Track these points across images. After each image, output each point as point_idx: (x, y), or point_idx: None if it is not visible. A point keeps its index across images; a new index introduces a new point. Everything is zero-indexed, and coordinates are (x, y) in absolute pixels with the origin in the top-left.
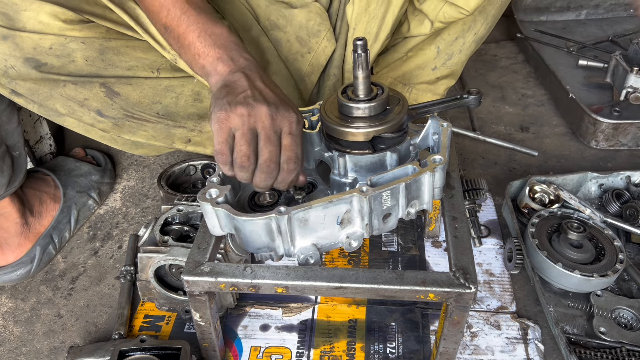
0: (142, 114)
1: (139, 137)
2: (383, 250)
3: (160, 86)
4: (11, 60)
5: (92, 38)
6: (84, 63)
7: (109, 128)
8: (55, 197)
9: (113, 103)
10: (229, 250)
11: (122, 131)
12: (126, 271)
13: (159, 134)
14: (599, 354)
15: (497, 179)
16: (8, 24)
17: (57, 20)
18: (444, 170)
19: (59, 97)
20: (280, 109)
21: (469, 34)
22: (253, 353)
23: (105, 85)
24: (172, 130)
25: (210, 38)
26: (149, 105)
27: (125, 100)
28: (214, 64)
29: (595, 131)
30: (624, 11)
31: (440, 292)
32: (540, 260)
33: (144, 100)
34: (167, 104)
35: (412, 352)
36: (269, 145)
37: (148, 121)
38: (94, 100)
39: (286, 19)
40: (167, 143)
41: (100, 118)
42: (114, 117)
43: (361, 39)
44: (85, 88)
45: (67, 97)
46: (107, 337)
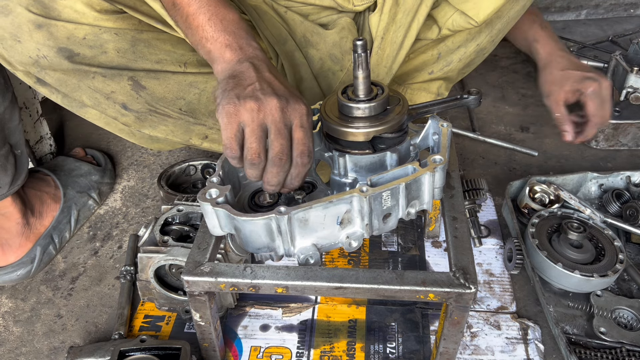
0: (165, 109)
1: (158, 132)
2: (383, 250)
3: (186, 81)
4: (44, 49)
5: (125, 29)
6: (115, 54)
7: (131, 122)
8: (55, 197)
9: (139, 97)
10: (229, 250)
11: (144, 125)
12: (126, 271)
13: (178, 130)
14: (599, 354)
15: (497, 179)
16: (43, 12)
17: (92, 10)
18: (444, 170)
19: (86, 88)
20: (290, 102)
21: (471, 44)
22: (253, 353)
23: (133, 78)
24: (192, 127)
25: (221, 23)
26: (172, 101)
27: (150, 95)
28: (222, 50)
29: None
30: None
31: (440, 292)
32: (540, 260)
33: (168, 95)
34: (190, 100)
35: (412, 352)
36: (280, 138)
37: (170, 117)
38: (120, 94)
39: (320, 36)
40: (184, 139)
41: (124, 111)
42: (137, 111)
43: (361, 39)
44: (113, 81)
45: (94, 89)
46: (107, 337)
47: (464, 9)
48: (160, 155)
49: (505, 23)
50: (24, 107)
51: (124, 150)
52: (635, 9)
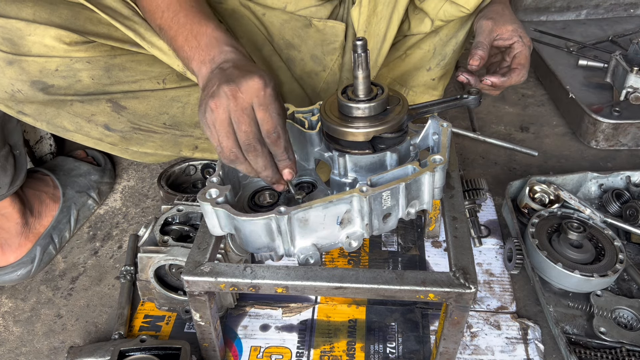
0: (150, 126)
1: (147, 149)
2: (383, 250)
3: (167, 97)
4: (18, 84)
5: (97, 57)
6: (90, 82)
7: (117, 141)
8: (54, 197)
9: (120, 117)
10: (229, 250)
11: (130, 143)
12: (126, 271)
13: (166, 144)
14: (599, 354)
15: (497, 179)
16: (13, 50)
17: (62, 43)
18: (444, 170)
19: (66, 114)
20: (241, 83)
21: (461, 33)
22: (253, 353)
23: (111, 100)
24: (179, 140)
25: (195, 39)
26: (155, 117)
27: (132, 114)
28: (199, 67)
29: (595, 131)
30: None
31: (440, 292)
32: (540, 260)
33: (150, 112)
34: (173, 114)
35: (412, 352)
36: (242, 125)
37: (155, 132)
38: (101, 115)
39: (301, 38)
40: (174, 152)
41: (107, 132)
42: (121, 131)
43: (361, 38)
44: (92, 105)
45: (74, 114)
46: (107, 337)
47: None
48: None
49: None
50: None
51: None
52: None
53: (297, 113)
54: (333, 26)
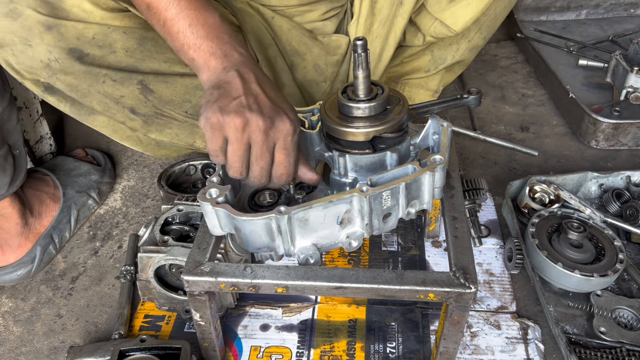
0: (172, 112)
1: (164, 136)
2: (383, 250)
3: (192, 84)
4: (55, 51)
5: (133, 28)
6: (124, 54)
7: (139, 126)
8: (54, 197)
9: (147, 101)
10: (229, 250)
11: (150, 129)
12: (126, 271)
13: (183, 133)
14: (599, 354)
15: (497, 179)
16: (52, 13)
17: (99, 9)
18: (444, 170)
19: (96, 93)
20: (275, 121)
21: (462, 41)
22: (253, 353)
23: (142, 82)
24: (196, 130)
25: (202, 28)
26: (179, 104)
27: (158, 98)
28: (206, 58)
29: (595, 131)
30: (624, 11)
31: (440, 292)
32: (540, 260)
33: (175, 98)
34: (196, 103)
35: (412, 352)
36: (261, 161)
37: (175, 119)
38: (129, 98)
39: (307, 46)
40: (188, 142)
41: (132, 115)
42: (145, 115)
43: (361, 38)
44: (123, 85)
45: (104, 94)
46: (107, 337)
47: (442, 17)
48: None
49: (493, 20)
50: (24, 107)
51: (124, 150)
52: (636, 8)
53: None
54: (337, 39)
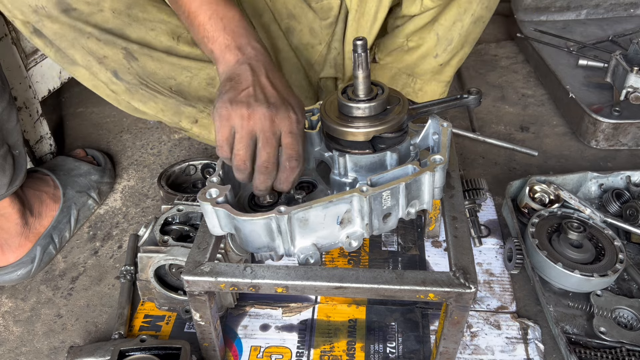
0: (156, 85)
1: (148, 109)
2: (383, 250)
3: (180, 65)
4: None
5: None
6: (111, 15)
7: (121, 91)
8: (55, 197)
9: (130, 67)
10: (229, 250)
11: (133, 98)
12: (126, 271)
13: (168, 109)
14: (599, 354)
15: (497, 179)
16: None
17: None
18: (444, 170)
19: (80, 48)
20: (280, 110)
21: (465, 16)
22: (253, 353)
23: (127, 49)
24: (182, 108)
25: (221, 21)
26: (163, 79)
27: (142, 67)
28: (222, 51)
29: (595, 131)
30: (624, 11)
31: (440, 292)
32: (540, 260)
33: (159, 72)
34: (180, 82)
35: (412, 351)
36: (267, 147)
37: (161, 93)
38: (113, 60)
39: (303, 9)
40: (174, 120)
41: (114, 79)
42: (128, 82)
43: (361, 38)
44: (107, 46)
45: (88, 51)
46: (107, 337)
47: None
48: (160, 155)
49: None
50: (24, 107)
51: (124, 150)
52: (636, 8)
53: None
54: (328, 3)
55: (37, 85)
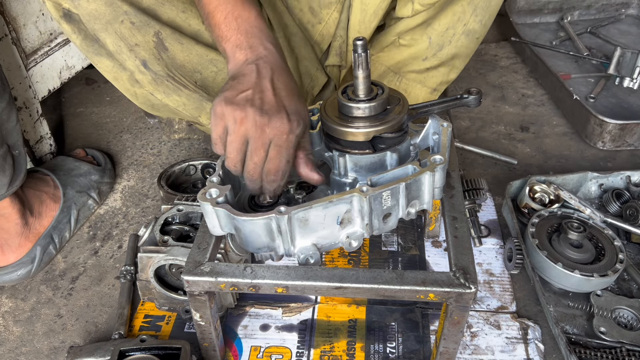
0: (183, 79)
1: (170, 101)
2: (383, 250)
3: (207, 57)
4: None
5: None
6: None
7: (146, 82)
8: (55, 197)
9: (159, 59)
10: (229, 250)
11: (157, 90)
12: (126, 271)
13: (190, 103)
14: (599, 354)
15: (497, 179)
16: None
17: None
18: (444, 170)
19: (113, 33)
20: (273, 119)
21: (458, 24)
22: (253, 353)
23: (158, 35)
24: (204, 104)
25: (235, 21)
26: (190, 73)
27: (171, 59)
28: (233, 50)
29: (601, 132)
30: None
31: (441, 292)
32: (540, 260)
33: (187, 65)
34: (206, 76)
35: (412, 352)
36: (255, 156)
37: (186, 87)
38: (144, 49)
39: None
40: (193, 115)
41: (143, 69)
42: (156, 73)
43: (361, 38)
44: (139, 32)
45: (120, 36)
46: (107, 337)
47: None
48: (160, 155)
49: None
50: (24, 107)
51: (124, 150)
52: (627, 8)
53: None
54: None
55: (37, 85)
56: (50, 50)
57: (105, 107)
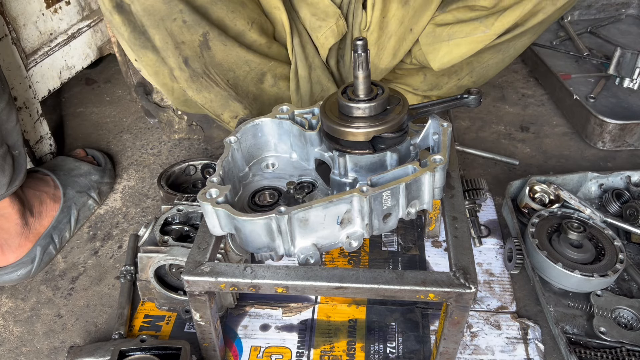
0: (216, 77)
1: (199, 98)
2: (383, 250)
3: (244, 57)
4: None
5: None
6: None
7: (183, 79)
8: (55, 197)
9: (201, 56)
10: (229, 250)
11: (191, 87)
12: (126, 271)
13: (218, 100)
14: (599, 354)
15: (497, 179)
16: None
17: None
18: (444, 170)
19: (163, 29)
20: None
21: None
22: (253, 353)
23: (205, 35)
24: (230, 102)
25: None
26: (224, 71)
27: (211, 58)
28: None
29: (602, 132)
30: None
31: (441, 292)
32: (540, 260)
33: (224, 63)
34: (238, 75)
35: (412, 352)
36: None
37: (218, 85)
38: (188, 47)
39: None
40: (217, 112)
41: (183, 66)
42: (194, 70)
43: (361, 38)
44: (189, 31)
45: (169, 33)
46: (107, 337)
47: (426, 51)
48: (160, 155)
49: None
50: (24, 107)
51: (124, 150)
52: (627, 8)
53: (297, 113)
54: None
55: (37, 85)
56: (50, 50)
57: (105, 107)
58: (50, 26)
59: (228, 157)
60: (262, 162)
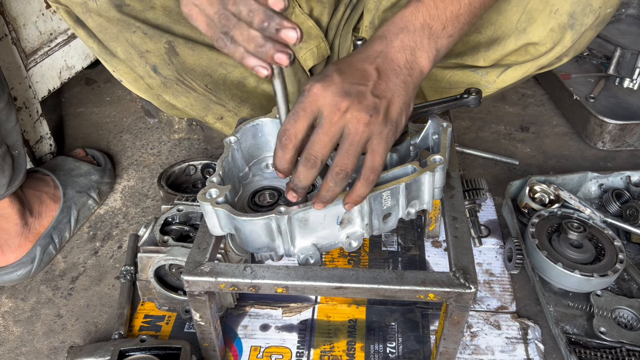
0: (192, 83)
1: (178, 102)
2: (383, 250)
3: (217, 60)
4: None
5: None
6: (162, 12)
7: (156, 85)
8: (54, 197)
9: (170, 63)
10: (229, 250)
11: (166, 92)
12: (126, 271)
13: (198, 105)
14: (599, 354)
15: (497, 179)
16: None
17: None
18: (444, 170)
19: (123, 41)
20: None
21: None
22: (253, 353)
23: (170, 43)
24: (211, 105)
25: None
26: (200, 76)
27: (181, 64)
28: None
29: (602, 132)
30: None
31: (440, 292)
32: (540, 260)
33: (197, 68)
34: (216, 79)
35: (412, 352)
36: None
37: (194, 90)
38: (154, 55)
39: None
40: (200, 114)
41: (153, 74)
42: (165, 77)
43: (361, 39)
44: (151, 40)
45: (131, 44)
46: (107, 337)
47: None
48: (160, 155)
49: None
50: (24, 107)
51: (124, 150)
52: (627, 8)
53: None
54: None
55: (37, 85)
56: (50, 50)
57: (105, 107)
58: (50, 26)
59: (228, 157)
60: (262, 162)
